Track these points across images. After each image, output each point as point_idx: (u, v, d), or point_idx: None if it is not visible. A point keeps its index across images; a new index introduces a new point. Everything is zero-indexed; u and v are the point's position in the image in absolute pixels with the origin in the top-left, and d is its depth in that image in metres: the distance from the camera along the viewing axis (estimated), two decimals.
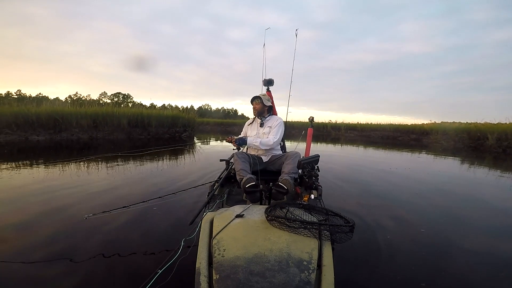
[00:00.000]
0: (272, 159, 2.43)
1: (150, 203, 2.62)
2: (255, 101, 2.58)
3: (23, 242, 2.05)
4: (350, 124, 21.14)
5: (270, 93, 3.06)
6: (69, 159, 5.31)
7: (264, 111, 2.60)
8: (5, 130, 8.54)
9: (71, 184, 3.66)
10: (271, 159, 2.43)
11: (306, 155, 2.72)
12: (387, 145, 12.75)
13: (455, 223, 2.72)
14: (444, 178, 5.09)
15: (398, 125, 18.07)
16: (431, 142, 14.46)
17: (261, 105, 2.56)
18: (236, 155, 2.24)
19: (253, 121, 2.72)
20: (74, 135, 9.83)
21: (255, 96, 2.60)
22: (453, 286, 1.65)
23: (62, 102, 20.74)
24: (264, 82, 3.08)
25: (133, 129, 11.19)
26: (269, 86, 3.06)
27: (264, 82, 3.07)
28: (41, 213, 2.61)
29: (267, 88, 3.06)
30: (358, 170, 5.62)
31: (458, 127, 14.18)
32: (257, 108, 2.58)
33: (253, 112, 2.63)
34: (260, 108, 2.57)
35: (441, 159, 8.18)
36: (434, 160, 8.05)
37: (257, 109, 2.57)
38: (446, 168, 6.45)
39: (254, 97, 2.60)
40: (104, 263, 1.78)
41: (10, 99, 18.59)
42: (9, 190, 3.32)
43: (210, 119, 24.83)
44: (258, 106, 2.57)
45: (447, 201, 3.51)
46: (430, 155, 9.20)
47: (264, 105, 2.57)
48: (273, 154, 2.49)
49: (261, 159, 2.47)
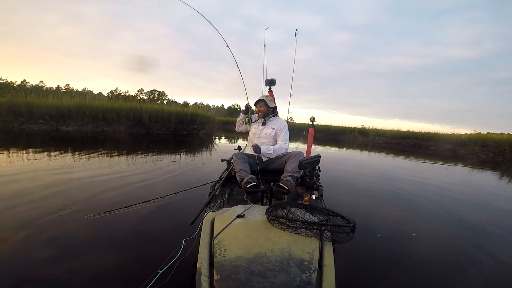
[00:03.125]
0: (272, 158, 2.42)
1: (151, 203, 2.62)
2: (259, 104, 2.60)
3: (24, 241, 2.06)
4: (380, 130, 19.78)
5: (272, 93, 3.06)
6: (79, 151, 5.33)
7: (269, 112, 2.62)
8: (40, 120, 9.52)
9: (74, 181, 3.66)
10: (270, 158, 2.43)
11: (307, 155, 2.72)
12: (417, 154, 11.91)
13: (450, 224, 2.72)
14: (452, 183, 5.04)
15: (433, 134, 16.51)
16: (467, 154, 13.36)
17: (265, 108, 2.58)
18: (236, 155, 2.24)
19: (257, 118, 2.71)
20: (99, 127, 10.41)
21: (258, 99, 2.61)
22: None
23: (104, 96, 21.08)
24: (266, 82, 3.07)
25: (153, 124, 11.57)
26: (271, 86, 3.06)
27: (266, 82, 3.07)
28: (42, 211, 2.62)
29: (269, 88, 3.06)
30: (363, 175, 5.61)
31: (501, 138, 13.12)
32: (262, 111, 2.59)
33: (258, 115, 2.64)
34: (265, 110, 2.59)
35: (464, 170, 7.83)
36: (459, 170, 7.70)
37: (262, 111, 2.59)
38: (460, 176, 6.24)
39: (257, 101, 2.61)
40: (105, 263, 1.79)
41: (60, 92, 19.27)
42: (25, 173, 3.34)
43: (235, 118, 25.05)
44: (263, 109, 2.58)
45: (450, 206, 3.49)
46: (462, 166, 8.69)
47: (268, 107, 2.58)
48: None
49: (261, 158, 2.47)
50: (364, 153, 11.01)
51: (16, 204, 2.78)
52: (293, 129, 3.59)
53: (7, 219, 2.48)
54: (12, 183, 3.44)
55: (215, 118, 14.99)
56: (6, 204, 2.76)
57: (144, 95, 53.28)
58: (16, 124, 9.17)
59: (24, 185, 3.36)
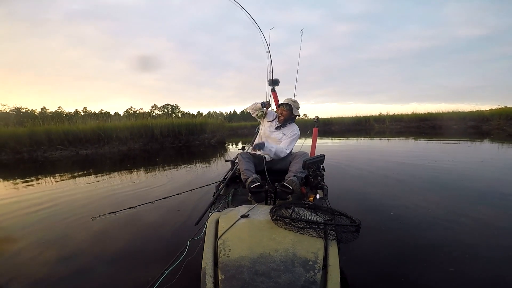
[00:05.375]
0: (276, 158, 2.42)
1: (156, 203, 2.64)
2: (283, 107, 2.48)
3: (33, 244, 2.09)
4: (396, 115, 19.40)
5: (276, 93, 3.03)
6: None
7: (289, 119, 2.50)
8: (60, 147, 9.74)
9: (82, 187, 3.72)
10: (275, 159, 2.43)
11: (311, 155, 2.70)
12: (439, 135, 11.59)
13: (460, 214, 2.63)
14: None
15: (452, 113, 16.30)
16: (492, 129, 12.82)
17: (288, 113, 2.46)
18: (240, 155, 2.25)
19: (275, 118, 2.60)
20: (115, 148, 10.58)
21: (284, 102, 2.51)
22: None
23: (120, 116, 21.56)
24: (269, 82, 3.00)
25: (165, 138, 11.65)
26: (275, 86, 3.01)
27: (270, 82, 2.99)
28: (51, 212, 2.67)
29: (272, 88, 3.02)
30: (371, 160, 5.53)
31: None
32: (284, 115, 2.47)
33: (279, 119, 2.52)
34: (287, 116, 2.47)
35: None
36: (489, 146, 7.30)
37: (284, 115, 2.47)
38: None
39: (283, 103, 2.51)
40: (111, 264, 1.81)
41: (77, 116, 19.91)
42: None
43: (248, 123, 25.15)
44: (286, 113, 2.46)
45: (472, 194, 3.32)
46: (489, 143, 8.12)
47: (291, 114, 2.45)
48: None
49: (266, 158, 2.46)
50: (382, 140, 10.71)
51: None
52: (307, 124, 3.50)
53: (19, 222, 2.53)
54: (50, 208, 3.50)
55: (224, 124, 14.90)
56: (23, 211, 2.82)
57: (158, 110, 54.42)
58: (40, 153, 9.39)
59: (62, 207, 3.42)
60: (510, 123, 12.81)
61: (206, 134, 12.74)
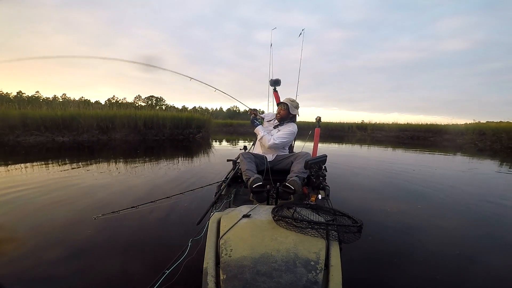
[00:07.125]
0: (278, 158, 2.42)
1: (158, 203, 2.64)
2: (281, 106, 2.51)
3: (35, 241, 2.10)
4: (378, 124, 20.19)
5: (277, 93, 3.03)
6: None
7: (287, 118, 2.52)
8: (35, 132, 9.37)
9: (83, 184, 3.73)
10: (276, 158, 2.42)
11: (313, 155, 2.70)
12: (416, 145, 12.06)
13: (461, 219, 2.65)
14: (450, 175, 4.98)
15: (430, 125, 17.22)
16: (465, 143, 13.52)
17: (286, 112, 2.49)
18: (242, 155, 2.24)
19: (273, 117, 2.64)
20: (94, 137, 10.37)
21: (282, 101, 2.54)
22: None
23: (102, 105, 21.58)
24: (270, 82, 3.01)
25: (148, 130, 11.50)
26: (276, 86, 3.01)
27: (271, 82, 3.00)
28: (52, 211, 2.67)
29: (274, 89, 3.02)
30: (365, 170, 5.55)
31: (498, 126, 13.19)
32: (281, 114, 2.50)
33: (276, 116, 2.56)
34: (285, 115, 2.49)
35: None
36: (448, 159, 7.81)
37: (281, 114, 2.50)
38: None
39: (281, 102, 2.54)
40: (112, 263, 1.81)
41: (56, 102, 19.53)
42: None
43: (234, 121, 24.90)
44: (283, 112, 2.49)
45: (458, 198, 3.42)
46: (461, 156, 8.69)
47: (289, 113, 2.48)
48: (278, 154, 2.48)
49: (266, 158, 2.46)
50: (364, 148, 11.09)
51: (29, 209, 2.84)
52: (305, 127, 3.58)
53: (19, 221, 2.54)
54: (22, 192, 3.52)
55: (211, 121, 14.78)
56: (19, 209, 2.83)
57: (142, 101, 53.66)
58: (12, 137, 8.98)
59: (32, 192, 3.44)
60: (481, 138, 13.29)
61: (191, 129, 12.65)
